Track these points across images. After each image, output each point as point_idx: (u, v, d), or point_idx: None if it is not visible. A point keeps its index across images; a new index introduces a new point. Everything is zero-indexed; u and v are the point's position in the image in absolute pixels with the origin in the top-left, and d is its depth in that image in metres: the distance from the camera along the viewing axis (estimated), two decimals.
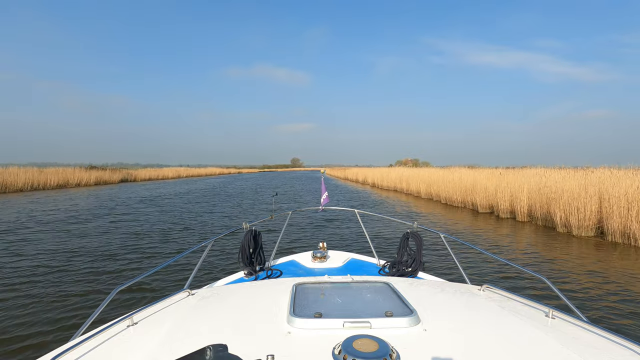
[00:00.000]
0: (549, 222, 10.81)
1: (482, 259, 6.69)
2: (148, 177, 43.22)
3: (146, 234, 9.09)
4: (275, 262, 3.07)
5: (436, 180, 19.28)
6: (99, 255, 6.89)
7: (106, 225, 10.43)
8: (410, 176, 23.77)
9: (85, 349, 1.12)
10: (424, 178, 21.10)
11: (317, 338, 1.10)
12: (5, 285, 5.17)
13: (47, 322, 4.00)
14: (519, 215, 12.13)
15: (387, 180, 28.67)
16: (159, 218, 11.82)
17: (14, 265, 6.23)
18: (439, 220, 12.24)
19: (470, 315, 1.34)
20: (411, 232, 2.75)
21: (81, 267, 6.09)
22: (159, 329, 1.24)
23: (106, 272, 5.85)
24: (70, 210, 13.69)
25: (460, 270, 2.32)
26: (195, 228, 10.09)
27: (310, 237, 8.62)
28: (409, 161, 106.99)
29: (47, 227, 9.94)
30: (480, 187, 14.41)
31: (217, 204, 16.72)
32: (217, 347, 0.73)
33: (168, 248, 7.61)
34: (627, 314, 4.33)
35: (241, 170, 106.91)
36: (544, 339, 1.13)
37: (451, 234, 7.28)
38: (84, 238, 8.57)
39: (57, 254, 7.01)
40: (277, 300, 1.45)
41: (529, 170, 14.84)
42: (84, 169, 32.92)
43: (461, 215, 13.66)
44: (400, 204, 17.23)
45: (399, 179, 25.59)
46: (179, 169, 56.73)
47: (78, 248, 7.51)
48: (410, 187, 22.92)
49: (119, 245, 7.87)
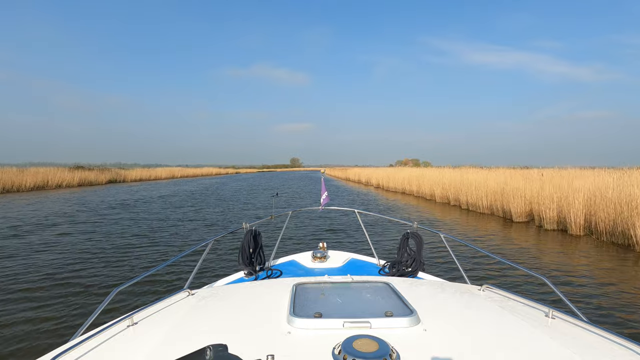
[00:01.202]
0: (619, 238, 8.31)
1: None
2: (139, 177, 40.64)
3: (81, 259, 6.60)
4: (275, 262, 3.07)
5: (453, 181, 16.96)
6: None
7: (41, 241, 8.05)
8: (421, 177, 21.68)
9: (85, 349, 1.12)
10: (436, 179, 18.87)
11: (317, 338, 1.10)
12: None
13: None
14: (571, 227, 9.66)
15: (394, 181, 26.32)
16: (121, 230, 9.66)
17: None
18: (465, 230, 10.43)
19: (470, 316, 1.34)
20: (411, 232, 2.75)
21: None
22: (159, 329, 1.24)
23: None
24: (15, 219, 11.34)
25: (460, 270, 2.32)
26: (158, 247, 7.73)
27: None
28: (409, 161, 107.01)
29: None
30: (510, 190, 12.02)
31: (201, 209, 14.73)
32: (217, 347, 0.72)
33: (96, 284, 5.28)
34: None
35: (239, 170, 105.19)
36: (544, 339, 1.13)
37: (487, 249, 6.73)
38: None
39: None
40: (277, 300, 1.45)
41: (576, 171, 12.89)
42: (68, 169, 30.48)
43: (490, 224, 11.48)
44: (413, 209, 15.27)
45: (407, 180, 23.53)
46: (173, 169, 54.06)
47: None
48: (421, 190, 20.71)
49: (25, 276, 5.51)
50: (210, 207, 15.47)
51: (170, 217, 12.21)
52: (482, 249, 2.49)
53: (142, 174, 42.16)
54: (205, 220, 11.70)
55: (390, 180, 27.17)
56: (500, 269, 6.13)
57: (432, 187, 18.87)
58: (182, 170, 55.69)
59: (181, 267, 5.99)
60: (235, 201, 18.35)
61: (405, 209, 15.48)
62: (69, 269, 6.01)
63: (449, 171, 20.74)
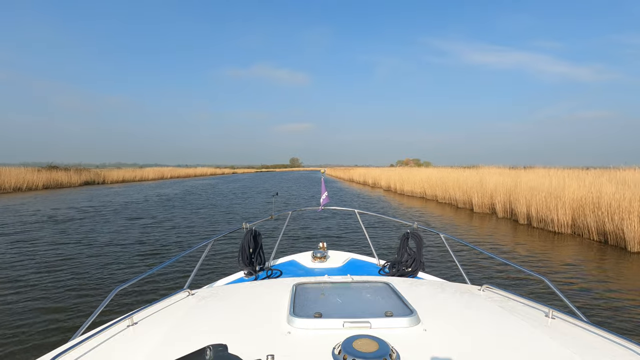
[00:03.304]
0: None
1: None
2: (122, 178, 37.18)
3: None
4: (275, 262, 3.07)
5: (501, 186, 13.14)
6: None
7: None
8: (445, 179, 17.92)
9: (85, 349, 1.12)
10: (471, 182, 15.23)
11: (317, 338, 1.10)
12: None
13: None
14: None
15: (410, 183, 22.33)
16: (27, 260, 6.64)
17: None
18: (547, 264, 6.74)
19: (470, 316, 1.34)
20: (411, 232, 2.75)
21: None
22: (159, 329, 1.24)
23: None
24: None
25: (460, 270, 2.32)
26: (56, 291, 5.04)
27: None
28: (410, 161, 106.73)
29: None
30: (607, 199, 8.48)
31: (167, 220, 11.52)
32: (217, 347, 0.72)
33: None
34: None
35: (236, 170, 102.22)
36: (544, 339, 1.13)
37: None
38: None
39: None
40: (277, 300, 1.45)
41: None
42: (37, 169, 27.32)
43: (577, 248, 8.07)
44: (466, 226, 11.26)
45: (427, 182, 19.98)
46: (162, 169, 50.11)
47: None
48: (448, 195, 16.94)
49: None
50: (184, 218, 12.06)
51: (96, 242, 8.29)
52: (482, 249, 2.50)
53: (126, 174, 38.67)
54: (166, 241, 8.38)
55: (405, 183, 23.30)
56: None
57: (468, 191, 15.15)
58: (173, 170, 51.99)
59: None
60: (221, 208, 15.10)
61: (441, 220, 12.13)
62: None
63: (488, 171, 17.64)
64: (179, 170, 55.27)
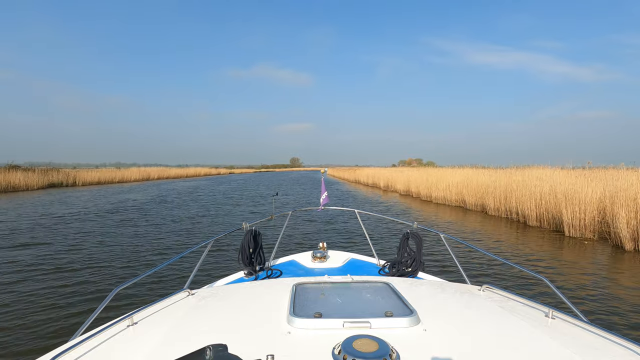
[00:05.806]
0: None
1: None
2: (96, 180, 32.87)
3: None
4: (275, 262, 3.07)
5: (574, 192, 9.07)
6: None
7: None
8: (498, 184, 12.92)
9: (85, 349, 1.12)
10: (541, 190, 10.47)
11: (317, 338, 1.10)
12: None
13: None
14: None
15: (440, 188, 17.03)
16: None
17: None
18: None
19: (470, 316, 1.34)
20: (411, 232, 2.75)
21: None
22: (159, 329, 1.24)
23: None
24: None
25: (460, 270, 2.32)
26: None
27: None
28: (413, 161, 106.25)
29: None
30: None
31: (61, 252, 7.11)
32: (217, 347, 0.72)
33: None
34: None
35: (233, 170, 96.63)
36: (544, 339, 1.13)
37: None
38: None
39: None
40: (277, 300, 1.45)
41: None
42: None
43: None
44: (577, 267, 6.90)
45: (465, 186, 15.06)
46: (148, 169, 45.58)
47: None
48: (506, 205, 12.21)
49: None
50: (129, 243, 8.01)
51: None
52: (482, 249, 2.50)
53: (103, 175, 34.64)
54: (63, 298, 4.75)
55: (433, 187, 17.71)
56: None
57: (548, 203, 10.23)
58: (162, 170, 46.94)
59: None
60: (200, 224, 10.70)
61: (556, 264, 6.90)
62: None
63: (512, 174, 13.27)
64: (168, 170, 50.42)
